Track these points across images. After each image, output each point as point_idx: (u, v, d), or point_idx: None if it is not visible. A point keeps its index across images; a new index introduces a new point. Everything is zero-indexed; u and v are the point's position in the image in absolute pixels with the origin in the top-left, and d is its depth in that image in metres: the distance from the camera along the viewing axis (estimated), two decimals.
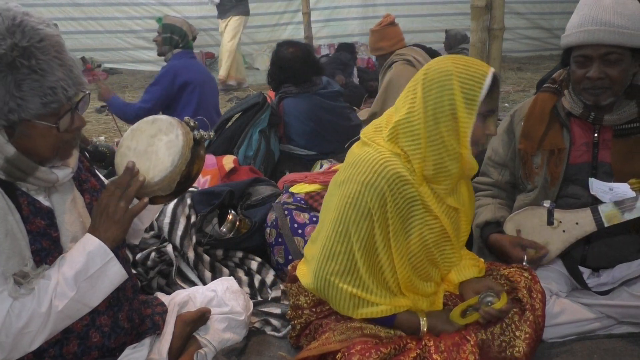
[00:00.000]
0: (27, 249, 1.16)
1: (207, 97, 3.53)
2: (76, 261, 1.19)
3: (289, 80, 3.11)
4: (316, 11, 8.04)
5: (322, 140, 3.15)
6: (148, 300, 1.57)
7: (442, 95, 1.37)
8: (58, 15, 7.56)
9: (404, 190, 1.40)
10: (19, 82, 1.09)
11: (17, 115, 1.10)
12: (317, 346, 1.42)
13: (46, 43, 1.12)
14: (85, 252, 1.20)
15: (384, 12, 8.45)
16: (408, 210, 1.42)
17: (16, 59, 1.08)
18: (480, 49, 2.46)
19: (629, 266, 1.79)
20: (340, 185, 1.44)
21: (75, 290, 1.18)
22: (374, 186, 1.37)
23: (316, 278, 1.46)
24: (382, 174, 1.37)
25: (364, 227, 1.39)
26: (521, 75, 7.25)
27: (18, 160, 1.14)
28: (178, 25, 3.46)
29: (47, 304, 1.15)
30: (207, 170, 2.70)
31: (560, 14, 8.70)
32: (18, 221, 1.15)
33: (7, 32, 1.08)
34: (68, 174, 1.25)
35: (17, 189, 1.19)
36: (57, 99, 1.13)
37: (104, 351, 1.35)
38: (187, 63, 3.45)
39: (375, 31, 3.98)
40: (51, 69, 1.12)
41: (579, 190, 1.80)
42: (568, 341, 1.79)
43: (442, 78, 1.37)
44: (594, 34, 1.64)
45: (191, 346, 1.59)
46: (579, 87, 1.74)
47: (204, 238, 2.16)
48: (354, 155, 1.48)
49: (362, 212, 1.39)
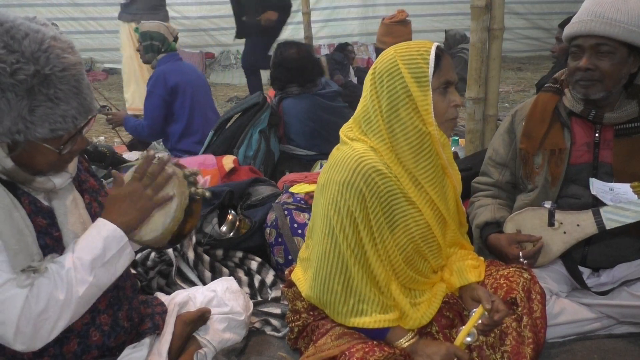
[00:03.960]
0: (34, 245, 1.15)
1: (201, 97, 3.51)
2: (93, 247, 1.20)
3: (295, 80, 3.11)
4: (316, 11, 8.04)
5: (322, 141, 3.15)
6: (148, 300, 1.57)
7: (392, 82, 1.38)
8: (58, 15, 7.56)
9: (383, 184, 1.38)
10: (33, 107, 1.08)
11: (23, 136, 1.10)
12: (314, 352, 1.40)
13: (67, 73, 1.11)
14: (101, 237, 1.21)
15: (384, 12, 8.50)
16: (389, 204, 1.41)
17: (35, 86, 1.07)
18: (480, 49, 2.46)
19: (629, 266, 1.79)
20: (322, 190, 1.44)
21: (93, 275, 1.18)
22: (350, 184, 1.36)
23: (313, 286, 1.45)
24: (357, 170, 1.37)
25: (349, 228, 1.38)
26: (521, 75, 7.26)
27: (15, 173, 1.14)
28: (156, 30, 3.42)
29: (65, 290, 1.15)
30: (207, 170, 2.70)
31: (560, 14, 8.69)
32: (24, 217, 1.15)
33: (31, 57, 1.06)
34: (66, 180, 1.25)
35: (18, 188, 1.19)
36: (66, 127, 1.13)
37: (103, 350, 1.35)
38: (173, 66, 3.42)
39: (385, 24, 3.99)
40: (66, 99, 1.12)
41: (579, 190, 1.80)
42: (568, 341, 1.79)
43: (389, 66, 1.39)
44: (586, 24, 1.66)
45: (191, 346, 1.59)
46: (573, 80, 1.75)
47: (203, 238, 2.16)
48: (333, 156, 1.47)
49: (344, 213, 1.37)
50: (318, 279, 1.43)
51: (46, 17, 1.19)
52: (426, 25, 8.47)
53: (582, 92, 1.73)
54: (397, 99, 1.38)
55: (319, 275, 1.43)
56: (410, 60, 1.38)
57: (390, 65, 1.39)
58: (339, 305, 1.43)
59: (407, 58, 1.38)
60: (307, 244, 1.61)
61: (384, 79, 1.39)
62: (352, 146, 1.42)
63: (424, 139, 1.40)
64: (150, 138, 3.62)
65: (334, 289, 1.41)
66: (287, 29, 8.48)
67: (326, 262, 1.41)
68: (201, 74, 3.69)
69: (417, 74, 1.37)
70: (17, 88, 1.05)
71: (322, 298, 1.44)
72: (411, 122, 1.38)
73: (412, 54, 1.38)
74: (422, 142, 1.40)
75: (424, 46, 1.40)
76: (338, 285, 1.41)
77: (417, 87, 1.37)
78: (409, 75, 1.37)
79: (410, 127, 1.38)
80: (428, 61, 1.37)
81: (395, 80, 1.38)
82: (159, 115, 3.36)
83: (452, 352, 1.36)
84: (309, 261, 1.53)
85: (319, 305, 1.49)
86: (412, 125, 1.38)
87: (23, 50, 1.05)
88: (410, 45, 1.41)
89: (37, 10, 7.46)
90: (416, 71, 1.37)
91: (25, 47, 1.06)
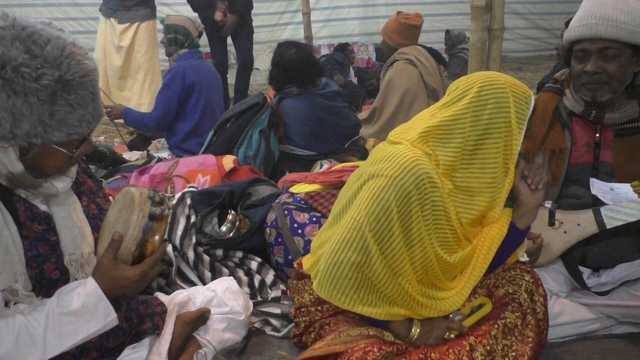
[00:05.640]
0: (19, 265, 1.15)
1: (214, 98, 3.51)
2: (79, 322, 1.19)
3: (293, 81, 3.10)
4: (316, 11, 8.05)
5: (322, 141, 3.15)
6: (147, 300, 1.57)
7: (497, 111, 1.39)
8: (58, 16, 7.56)
9: (431, 192, 1.38)
10: (53, 112, 1.09)
11: (40, 139, 1.10)
12: (322, 346, 1.41)
13: (87, 79, 1.13)
14: (88, 308, 1.20)
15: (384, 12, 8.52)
16: (430, 213, 1.41)
17: (58, 91, 1.08)
18: (480, 49, 2.46)
19: (629, 266, 1.79)
20: (367, 178, 1.43)
21: (67, 345, 1.18)
22: (401, 182, 1.36)
23: (326, 266, 1.42)
24: (413, 171, 1.36)
25: (384, 221, 1.37)
26: (521, 75, 7.26)
27: (23, 177, 1.15)
28: (181, 24, 3.43)
29: (31, 352, 1.14)
30: (207, 170, 2.70)
31: (560, 14, 8.71)
32: (14, 234, 1.15)
33: (55, 63, 1.08)
34: (68, 184, 1.26)
35: (14, 195, 1.19)
36: (81, 131, 1.15)
37: (102, 351, 1.35)
38: (194, 64, 3.41)
39: (399, 22, 3.98)
40: (84, 104, 1.13)
41: (580, 190, 1.80)
42: (568, 341, 1.79)
43: (499, 95, 1.39)
44: (591, 27, 1.65)
45: (191, 346, 1.59)
46: (578, 83, 1.75)
47: (203, 238, 2.16)
48: (383, 151, 1.46)
49: (384, 206, 1.36)
50: (333, 261, 1.40)
51: (46, 17, 1.19)
52: (426, 25, 8.42)
53: (589, 96, 1.73)
54: (495, 127, 1.39)
55: (336, 257, 1.40)
56: (519, 98, 1.40)
57: (501, 94, 1.39)
58: (350, 290, 1.41)
59: (517, 96, 1.40)
60: (320, 235, 1.61)
61: (489, 104, 1.39)
62: (410, 147, 1.43)
63: (495, 172, 1.42)
64: (155, 130, 3.54)
65: (348, 275, 1.40)
66: (287, 29, 8.55)
67: (347, 247, 1.39)
68: (218, 76, 3.67)
69: (520, 114, 1.40)
70: (41, 93, 1.06)
71: (333, 280, 1.41)
72: (495, 155, 1.40)
73: (521, 94, 1.41)
74: (494, 175, 1.42)
75: (527, 91, 1.44)
76: (354, 272, 1.39)
77: (517, 126, 1.40)
78: (515, 112, 1.39)
79: (490, 158, 1.41)
80: (529, 106, 1.42)
81: (501, 110, 1.39)
82: (170, 110, 3.34)
83: (443, 326, 1.46)
84: (321, 249, 1.53)
85: (327, 285, 1.44)
86: (494, 158, 1.41)
87: (46, 56, 1.07)
88: (517, 84, 1.43)
89: (37, 10, 7.46)
90: (521, 112, 1.40)
91: (48, 53, 1.07)
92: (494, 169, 1.41)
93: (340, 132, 3.22)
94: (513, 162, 1.42)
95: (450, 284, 1.54)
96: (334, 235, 1.45)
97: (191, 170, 2.70)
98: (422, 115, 1.53)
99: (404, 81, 3.83)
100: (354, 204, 1.43)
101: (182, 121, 3.41)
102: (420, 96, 3.83)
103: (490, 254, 1.50)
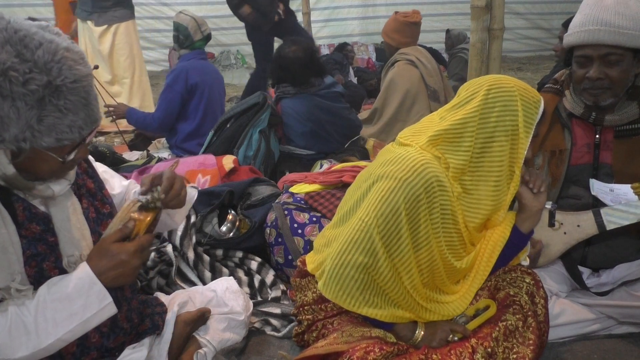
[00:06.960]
0: (17, 264, 1.15)
1: (215, 99, 3.51)
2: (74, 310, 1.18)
3: (287, 80, 3.10)
4: (316, 11, 8.04)
5: (322, 141, 3.15)
6: (148, 300, 1.57)
7: (505, 113, 1.39)
8: None
9: (440, 196, 1.38)
10: (41, 117, 1.07)
11: (29, 144, 1.09)
12: (324, 345, 1.41)
13: (78, 85, 1.10)
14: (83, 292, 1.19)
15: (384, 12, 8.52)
16: (438, 217, 1.41)
17: (46, 96, 1.07)
18: (480, 49, 2.46)
19: (629, 266, 1.79)
20: (375, 179, 1.42)
21: (62, 332, 1.17)
22: (410, 185, 1.36)
23: (332, 267, 1.42)
24: (422, 174, 1.36)
25: (392, 223, 1.37)
26: (521, 75, 7.26)
27: (15, 179, 1.14)
28: (183, 24, 3.42)
29: (22, 343, 1.13)
30: (207, 170, 2.70)
31: (560, 14, 8.71)
32: (12, 233, 1.14)
33: (44, 67, 1.05)
34: (65, 187, 1.25)
35: (12, 194, 1.19)
36: (72, 137, 1.13)
37: (103, 351, 1.35)
38: (197, 64, 3.40)
39: (398, 21, 3.99)
40: (75, 109, 1.11)
41: (580, 191, 1.80)
42: (568, 341, 1.79)
43: (507, 98, 1.39)
44: (594, 33, 1.64)
45: (191, 346, 1.59)
46: (580, 87, 1.75)
47: (203, 238, 2.16)
48: (392, 153, 1.46)
49: (392, 209, 1.36)
50: (339, 262, 1.41)
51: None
52: (426, 25, 8.43)
53: (591, 100, 1.73)
54: (502, 131, 1.39)
55: (342, 258, 1.40)
56: (528, 103, 1.40)
57: (510, 97, 1.39)
58: (356, 292, 1.41)
59: (526, 100, 1.40)
60: (324, 233, 1.61)
61: (497, 106, 1.39)
62: (419, 150, 1.42)
63: (500, 176, 1.42)
64: (157, 131, 3.56)
65: (355, 276, 1.40)
66: None
67: (354, 248, 1.39)
68: (221, 77, 3.67)
69: (528, 118, 1.40)
70: (28, 97, 1.05)
71: (339, 280, 1.41)
72: (501, 158, 1.40)
73: (530, 98, 1.41)
74: (499, 178, 1.42)
75: (537, 95, 1.44)
76: (360, 274, 1.39)
77: (524, 130, 1.40)
78: (523, 116, 1.39)
79: (496, 161, 1.41)
80: (538, 111, 1.42)
81: (509, 113, 1.39)
82: (173, 111, 3.34)
83: (447, 329, 1.46)
84: (327, 248, 1.53)
85: (333, 286, 1.44)
86: (500, 161, 1.40)
87: (36, 60, 1.05)
88: (527, 89, 1.43)
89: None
90: (529, 116, 1.40)
91: (38, 57, 1.05)
92: (499, 172, 1.41)
93: (340, 132, 3.21)
94: (519, 166, 1.42)
95: (454, 288, 1.55)
96: (340, 235, 1.45)
97: (191, 170, 2.70)
98: (431, 117, 1.53)
99: (405, 82, 3.83)
100: (362, 205, 1.43)
101: (183, 121, 3.42)
102: (421, 97, 3.83)
103: (493, 257, 1.50)
